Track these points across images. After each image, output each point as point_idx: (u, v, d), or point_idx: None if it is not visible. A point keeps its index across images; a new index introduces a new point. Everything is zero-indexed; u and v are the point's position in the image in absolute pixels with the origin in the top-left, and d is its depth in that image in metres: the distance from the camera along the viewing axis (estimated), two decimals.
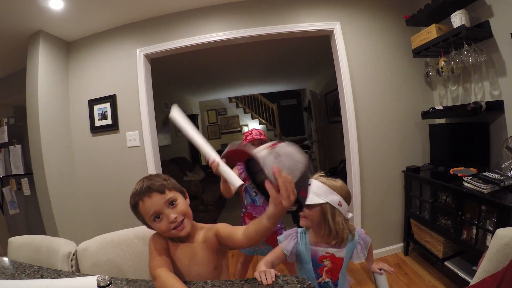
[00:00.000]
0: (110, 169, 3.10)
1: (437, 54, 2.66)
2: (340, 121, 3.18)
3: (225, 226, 1.17)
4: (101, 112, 3.09)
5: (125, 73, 3.08)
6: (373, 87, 3.02)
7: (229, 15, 2.99)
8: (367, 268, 1.55)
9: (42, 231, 2.87)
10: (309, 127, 9.16)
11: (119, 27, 3.11)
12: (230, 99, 11.05)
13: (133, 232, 1.57)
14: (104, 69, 3.13)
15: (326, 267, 1.37)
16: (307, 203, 1.25)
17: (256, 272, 1.04)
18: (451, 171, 2.48)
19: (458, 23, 2.26)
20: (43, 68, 2.88)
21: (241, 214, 2.34)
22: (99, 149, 3.12)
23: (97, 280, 1.00)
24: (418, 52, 2.75)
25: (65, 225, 2.90)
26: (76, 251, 1.49)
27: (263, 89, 9.43)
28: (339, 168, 3.73)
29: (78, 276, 1.19)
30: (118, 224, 1.69)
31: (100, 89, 3.12)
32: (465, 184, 2.11)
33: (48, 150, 2.85)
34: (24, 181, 3.32)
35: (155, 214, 1.11)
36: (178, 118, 1.49)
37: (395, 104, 3.04)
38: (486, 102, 2.27)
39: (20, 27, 2.77)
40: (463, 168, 2.45)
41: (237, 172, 2.03)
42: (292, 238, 1.42)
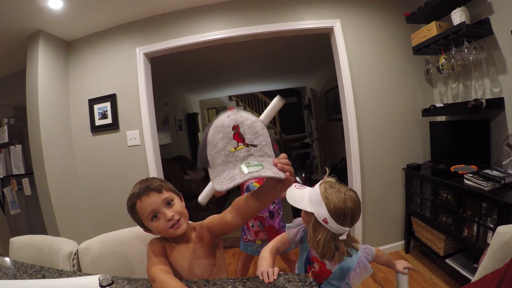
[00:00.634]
0: (111, 169, 3.11)
1: (438, 52, 2.65)
2: (340, 119, 3.18)
3: (212, 217, 1.19)
4: (101, 112, 3.10)
5: (125, 72, 3.08)
6: (374, 85, 3.01)
7: (229, 13, 2.99)
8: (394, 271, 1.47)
9: (43, 231, 2.87)
10: (309, 125, 9.15)
11: (119, 26, 3.11)
12: (230, 98, 11.06)
13: (135, 231, 1.57)
14: (104, 68, 3.13)
15: (314, 269, 1.35)
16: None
17: (259, 270, 1.04)
18: (452, 169, 2.48)
19: (458, 20, 2.25)
20: (43, 68, 2.88)
21: None
22: (100, 149, 3.13)
23: (99, 280, 1.00)
24: (418, 50, 2.74)
25: (66, 225, 2.91)
26: (78, 251, 1.50)
27: (263, 87, 9.42)
28: (340, 166, 3.73)
29: (80, 276, 1.19)
30: (120, 223, 1.68)
31: (100, 89, 3.13)
32: (466, 182, 2.11)
33: (49, 150, 2.85)
34: (25, 181, 3.31)
35: (153, 213, 1.13)
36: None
37: (396, 102, 3.04)
38: (487, 100, 2.27)
39: (20, 27, 2.77)
40: (464, 166, 2.45)
41: None
42: (300, 230, 1.40)
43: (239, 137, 0.90)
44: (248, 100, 11.26)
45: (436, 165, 2.86)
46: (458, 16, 2.26)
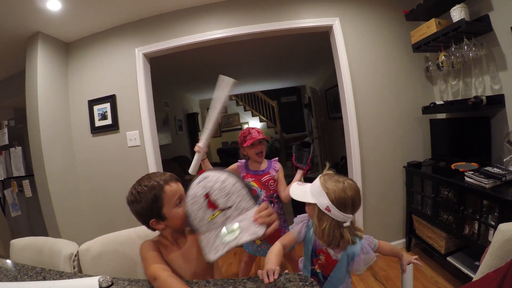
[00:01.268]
0: (111, 169, 3.11)
1: (437, 49, 2.64)
2: (341, 117, 3.18)
3: None
4: (101, 113, 3.10)
5: (124, 73, 3.08)
6: (373, 83, 3.01)
7: (228, 13, 2.99)
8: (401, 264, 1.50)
9: (44, 233, 2.87)
10: (310, 124, 9.16)
11: (118, 27, 3.11)
12: (230, 97, 11.03)
13: (135, 232, 1.57)
14: (103, 69, 3.13)
15: (320, 261, 1.39)
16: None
17: (259, 271, 1.05)
18: (453, 166, 2.47)
19: (458, 17, 2.24)
20: (42, 69, 2.88)
21: None
22: (100, 150, 3.13)
23: (99, 281, 1.01)
24: (418, 47, 2.74)
25: (67, 226, 2.91)
26: (78, 252, 1.49)
27: (263, 87, 9.41)
28: (340, 164, 3.72)
29: (80, 277, 1.19)
30: (120, 224, 1.68)
31: (100, 89, 3.13)
32: (467, 179, 2.10)
33: (49, 151, 2.85)
34: (26, 183, 3.31)
35: (181, 198, 1.18)
36: (221, 92, 1.93)
37: (396, 100, 3.04)
38: (487, 97, 2.26)
39: (19, 29, 2.77)
40: (465, 163, 2.44)
41: (235, 167, 2.31)
42: (304, 226, 1.44)
43: (213, 205, 0.96)
44: (248, 100, 11.27)
45: (437, 163, 2.85)
46: (458, 13, 2.25)
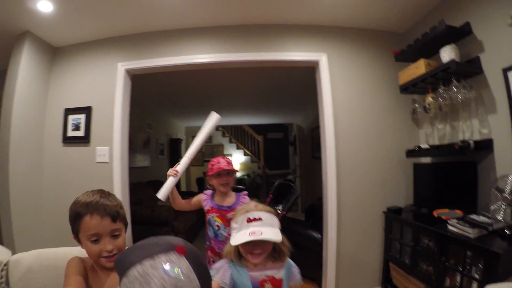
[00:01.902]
0: (77, 183, 2.93)
1: (425, 91, 2.59)
2: None
3: None
4: (75, 123, 3.00)
5: (104, 86, 2.99)
6: (357, 123, 2.94)
7: (216, 39, 2.95)
8: None
9: None
10: (294, 162, 9.09)
11: (105, 39, 3.06)
12: (217, 128, 10.96)
13: (74, 252, 1.35)
14: (84, 79, 3.05)
15: None
16: (269, 239, 1.25)
17: None
18: (435, 213, 2.34)
19: (448, 58, 2.20)
20: (25, 69, 2.79)
21: (206, 247, 2.14)
22: (68, 161, 2.98)
23: None
24: (406, 88, 2.69)
25: (23, 234, 2.70)
26: (9, 262, 1.33)
27: (251, 120, 9.43)
28: (317, 205, 3.59)
29: None
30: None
31: (78, 99, 3.02)
32: (450, 228, 1.97)
33: (17, 153, 2.70)
34: None
35: (96, 237, 1.06)
36: (209, 123, 2.17)
37: (379, 142, 2.95)
38: (475, 141, 2.17)
39: (8, 25, 2.70)
40: (448, 210, 2.31)
41: (201, 198, 2.15)
42: (226, 270, 1.33)
43: None
44: (235, 132, 11.22)
45: (419, 209, 2.72)
46: (448, 54, 2.21)
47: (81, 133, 2.96)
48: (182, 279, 0.70)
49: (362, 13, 2.79)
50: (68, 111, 3.01)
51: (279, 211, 2.05)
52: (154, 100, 6.02)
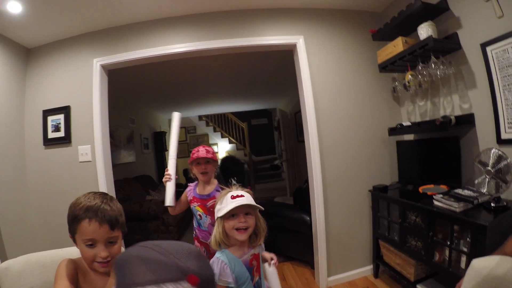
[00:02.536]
0: (62, 184, 2.85)
1: (404, 69, 2.59)
2: None
3: None
4: (55, 124, 2.90)
5: (81, 84, 2.89)
6: (338, 104, 2.92)
7: (191, 27, 2.86)
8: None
9: None
10: (279, 147, 9.10)
11: (79, 36, 2.94)
12: (200, 117, 10.91)
13: (62, 254, 1.39)
14: (61, 79, 2.94)
15: (255, 267, 1.47)
16: (251, 203, 1.40)
17: None
18: (420, 189, 2.38)
19: (425, 35, 2.19)
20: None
21: (193, 236, 2.18)
22: (51, 163, 2.89)
23: None
24: (385, 67, 2.68)
25: (13, 241, 2.63)
26: None
27: (234, 108, 9.35)
28: (304, 187, 3.60)
29: None
30: (70, 243, 1.49)
31: (55, 100, 2.92)
32: (436, 203, 2.01)
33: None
34: None
35: (92, 242, 1.05)
36: (174, 123, 2.21)
37: (361, 121, 2.96)
38: (456, 116, 2.20)
39: None
40: (433, 186, 2.35)
41: (186, 192, 2.18)
42: (225, 268, 1.37)
43: None
44: (218, 121, 11.15)
45: (404, 186, 2.75)
46: (425, 31, 2.21)
47: (62, 134, 2.88)
48: None
49: None
50: (47, 112, 2.92)
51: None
52: (135, 95, 5.90)
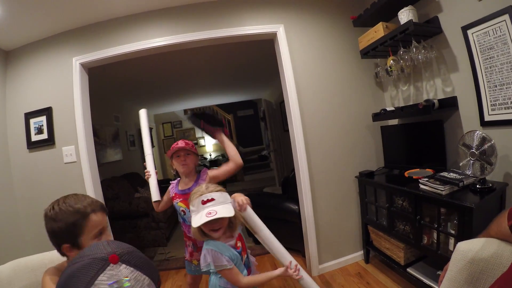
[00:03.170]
0: (49, 187, 2.81)
1: (386, 54, 2.58)
2: None
3: None
4: (37, 126, 2.85)
5: (61, 84, 2.84)
6: (321, 91, 2.91)
7: (170, 20, 2.81)
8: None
9: None
10: (266, 137, 9.10)
11: (57, 35, 2.87)
12: (186, 111, 10.78)
13: (49, 256, 1.48)
14: (41, 80, 2.87)
15: (241, 247, 1.58)
16: (223, 216, 1.44)
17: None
18: (406, 174, 2.39)
19: (406, 20, 2.18)
20: None
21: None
22: (37, 166, 2.85)
23: None
24: (366, 53, 2.67)
25: (2, 248, 2.61)
26: None
27: (219, 100, 9.28)
28: (290, 177, 3.62)
29: None
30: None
31: (37, 101, 2.86)
32: (422, 187, 2.03)
33: None
34: None
35: (101, 231, 1.16)
36: (142, 121, 2.20)
37: (345, 108, 2.96)
38: (439, 100, 2.21)
39: None
40: (419, 170, 2.37)
41: (168, 190, 2.19)
42: (216, 254, 1.46)
43: None
44: None
45: (391, 171, 2.78)
46: (406, 16, 2.20)
47: (45, 136, 2.83)
48: (133, 285, 0.70)
49: None
50: (29, 115, 2.86)
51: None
52: (118, 92, 5.80)
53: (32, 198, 2.84)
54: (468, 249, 1.11)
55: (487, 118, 1.95)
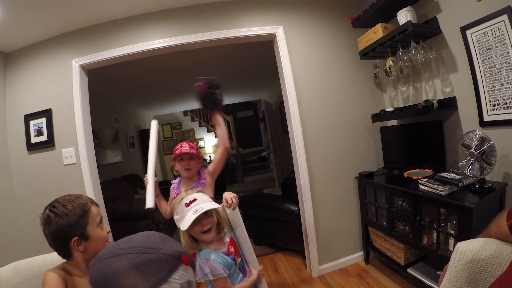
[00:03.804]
0: (49, 189, 2.80)
1: (385, 55, 2.60)
2: None
3: None
4: (37, 128, 2.84)
5: (61, 86, 2.83)
6: (320, 92, 2.92)
7: (171, 22, 2.82)
8: None
9: None
10: (266, 138, 9.10)
11: (57, 37, 2.87)
12: (185, 113, 10.80)
13: (50, 258, 1.47)
14: (40, 82, 2.87)
15: (233, 252, 1.54)
16: (210, 208, 1.42)
17: None
18: (406, 174, 2.40)
19: (405, 20, 2.19)
20: None
21: None
22: (36, 168, 2.84)
23: None
24: (365, 54, 2.68)
25: (3, 250, 2.59)
26: None
27: None
28: (290, 177, 3.62)
29: None
30: None
31: (36, 103, 2.86)
32: (421, 187, 2.03)
33: None
34: None
35: (100, 220, 1.27)
36: (152, 131, 2.21)
37: (345, 109, 2.96)
38: (438, 100, 2.21)
39: None
40: (418, 170, 2.38)
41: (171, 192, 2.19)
42: (212, 263, 1.42)
43: None
44: (203, 115, 11.06)
45: (390, 172, 2.78)
46: (404, 16, 2.20)
47: (45, 138, 2.82)
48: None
49: None
50: (28, 117, 2.86)
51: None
52: (118, 93, 5.81)
53: (32, 200, 2.82)
54: (468, 249, 1.11)
55: (486, 118, 1.95)
